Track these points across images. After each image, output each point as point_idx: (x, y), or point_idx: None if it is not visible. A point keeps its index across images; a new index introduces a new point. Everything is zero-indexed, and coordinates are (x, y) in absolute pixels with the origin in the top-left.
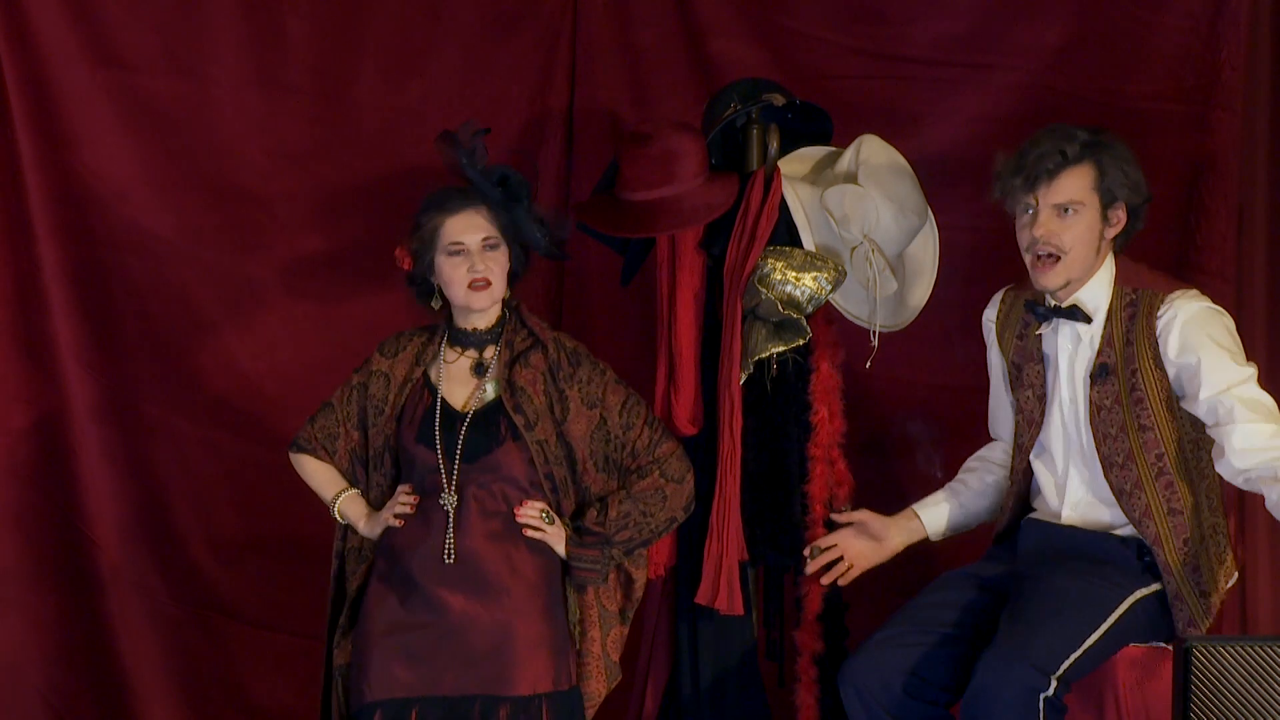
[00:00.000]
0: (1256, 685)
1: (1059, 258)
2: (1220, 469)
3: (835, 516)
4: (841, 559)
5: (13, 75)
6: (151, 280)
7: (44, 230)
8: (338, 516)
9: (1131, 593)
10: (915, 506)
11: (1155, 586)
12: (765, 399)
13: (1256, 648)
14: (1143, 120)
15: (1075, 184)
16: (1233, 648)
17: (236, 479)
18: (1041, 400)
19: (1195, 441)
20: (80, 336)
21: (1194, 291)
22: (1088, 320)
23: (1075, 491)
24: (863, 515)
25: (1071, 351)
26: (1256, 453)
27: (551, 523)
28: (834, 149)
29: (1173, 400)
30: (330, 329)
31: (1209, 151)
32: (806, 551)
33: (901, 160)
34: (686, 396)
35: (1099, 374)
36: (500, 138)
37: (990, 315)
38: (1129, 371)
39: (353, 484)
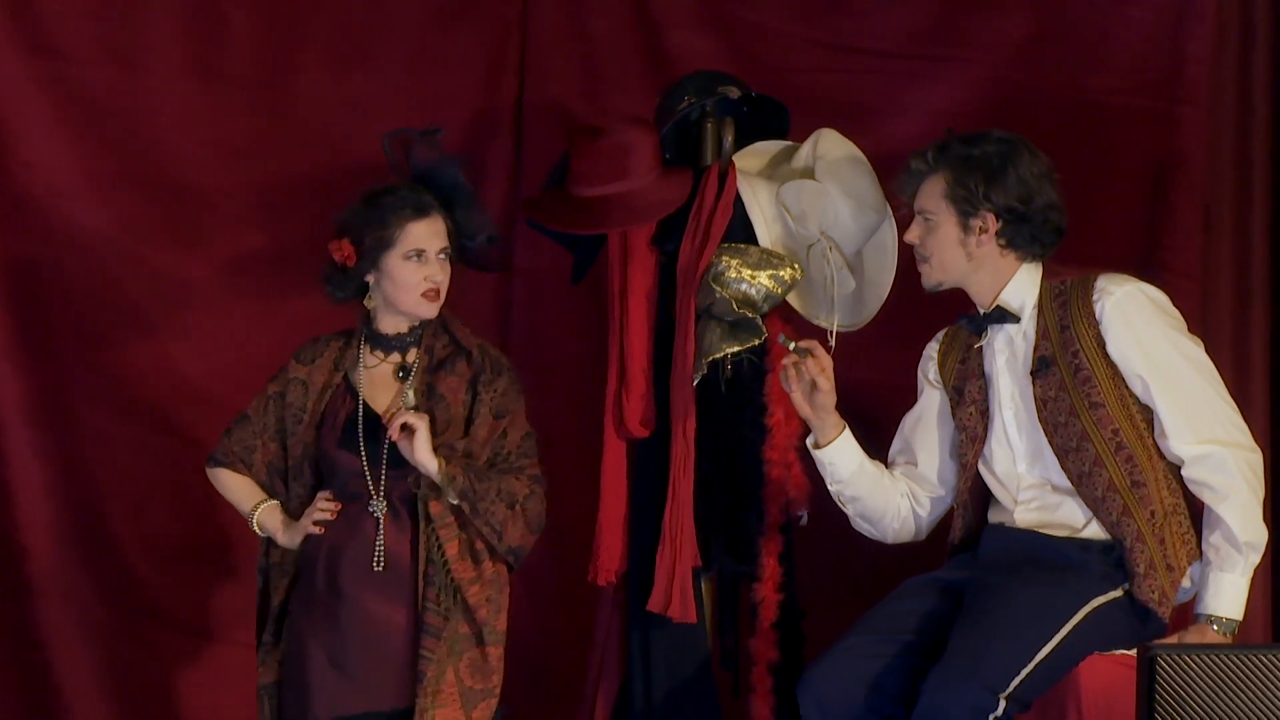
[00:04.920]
0: (1222, 694)
1: (928, 260)
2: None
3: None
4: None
5: None
6: (87, 278)
7: None
8: (256, 529)
9: (1088, 601)
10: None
11: (1115, 593)
12: (720, 400)
13: (1221, 657)
14: (1107, 115)
15: (927, 194)
16: (1198, 657)
17: (174, 483)
18: (984, 414)
19: (1148, 420)
20: (11, 336)
21: (1125, 275)
22: (1016, 320)
23: (1027, 492)
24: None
25: (1009, 355)
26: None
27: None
28: (790, 143)
29: (1119, 376)
30: (273, 328)
31: (1175, 148)
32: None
33: (860, 155)
34: (638, 397)
35: (1039, 368)
36: (447, 132)
37: (933, 348)
38: (1069, 354)
39: (271, 496)
